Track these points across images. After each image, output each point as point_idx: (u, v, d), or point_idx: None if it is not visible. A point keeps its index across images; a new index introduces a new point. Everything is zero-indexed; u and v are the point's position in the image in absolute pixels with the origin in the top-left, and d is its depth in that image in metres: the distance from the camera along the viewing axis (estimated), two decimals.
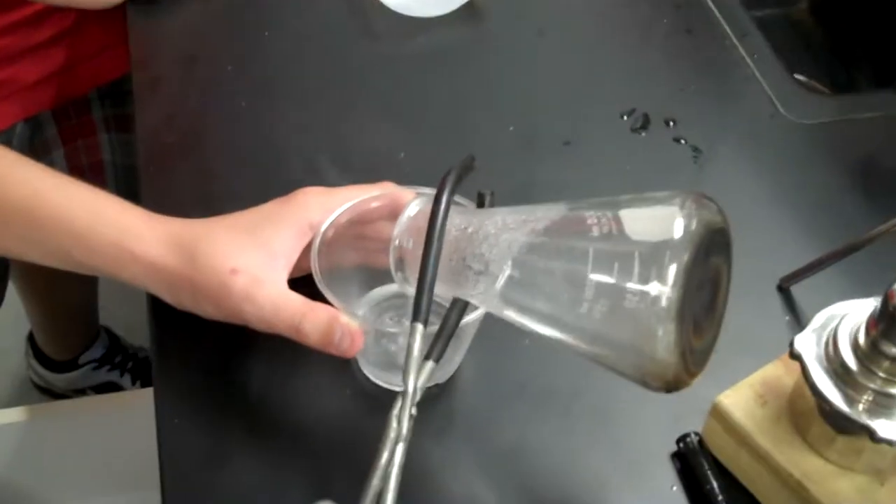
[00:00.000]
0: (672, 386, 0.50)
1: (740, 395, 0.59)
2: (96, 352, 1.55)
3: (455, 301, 0.55)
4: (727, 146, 0.80)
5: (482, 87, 0.84)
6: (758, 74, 0.85)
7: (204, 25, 0.89)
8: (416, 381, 0.50)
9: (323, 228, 0.60)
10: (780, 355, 0.60)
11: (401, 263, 0.57)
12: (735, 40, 0.88)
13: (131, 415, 0.94)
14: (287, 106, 0.81)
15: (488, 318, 0.58)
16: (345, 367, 0.63)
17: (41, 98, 1.01)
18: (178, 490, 0.59)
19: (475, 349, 0.63)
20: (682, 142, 0.80)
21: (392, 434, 0.48)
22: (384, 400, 0.62)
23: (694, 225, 0.48)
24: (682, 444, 0.61)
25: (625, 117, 0.81)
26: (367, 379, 0.64)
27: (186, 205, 0.71)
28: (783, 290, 0.69)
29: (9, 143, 1.00)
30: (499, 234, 0.53)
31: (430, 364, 0.53)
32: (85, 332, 1.55)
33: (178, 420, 0.61)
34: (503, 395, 0.64)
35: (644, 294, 0.47)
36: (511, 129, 0.80)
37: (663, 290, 0.47)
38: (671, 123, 0.81)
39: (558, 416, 0.63)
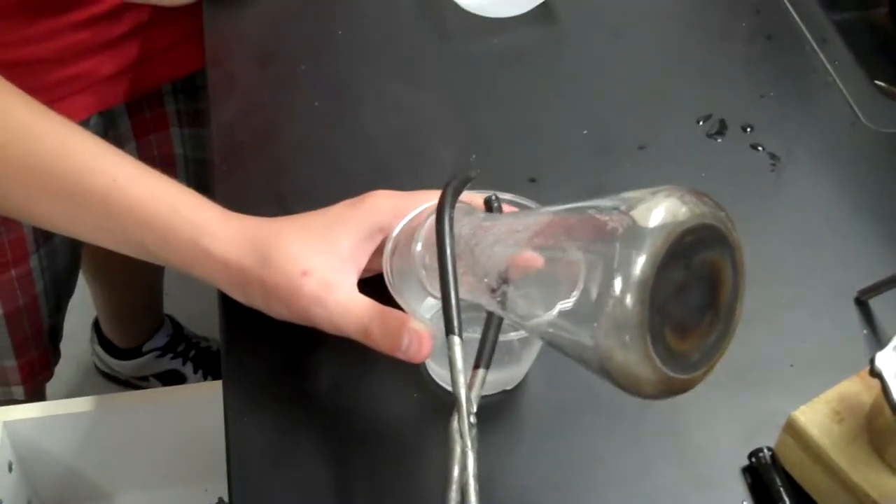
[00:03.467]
0: (656, 394, 0.48)
1: (816, 412, 0.57)
2: (160, 340, 1.58)
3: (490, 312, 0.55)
4: (805, 154, 0.78)
5: (556, 89, 0.83)
6: (838, 81, 0.84)
7: (278, 24, 0.89)
8: (468, 391, 0.51)
9: (395, 233, 0.60)
10: (857, 371, 0.59)
11: (429, 279, 0.58)
12: (815, 46, 0.87)
13: (196, 407, 0.95)
14: (359, 106, 0.81)
15: None
16: (413, 370, 0.63)
17: (116, 91, 1.03)
18: (244, 485, 0.59)
19: (544, 356, 0.62)
20: (760, 149, 0.78)
21: (458, 448, 0.49)
22: (451, 404, 0.62)
23: (657, 225, 0.45)
24: (754, 459, 0.60)
25: (701, 122, 0.80)
26: (436, 383, 0.63)
27: (259, 202, 0.72)
28: (861, 303, 0.68)
29: None
30: (493, 246, 0.53)
31: (481, 372, 0.53)
32: (150, 320, 1.57)
33: (246, 417, 0.62)
34: (572, 403, 0.63)
35: (600, 301, 0.46)
36: (585, 132, 0.79)
37: (620, 297, 0.45)
38: (748, 130, 0.80)
39: (628, 427, 0.62)
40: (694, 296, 0.47)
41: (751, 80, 0.84)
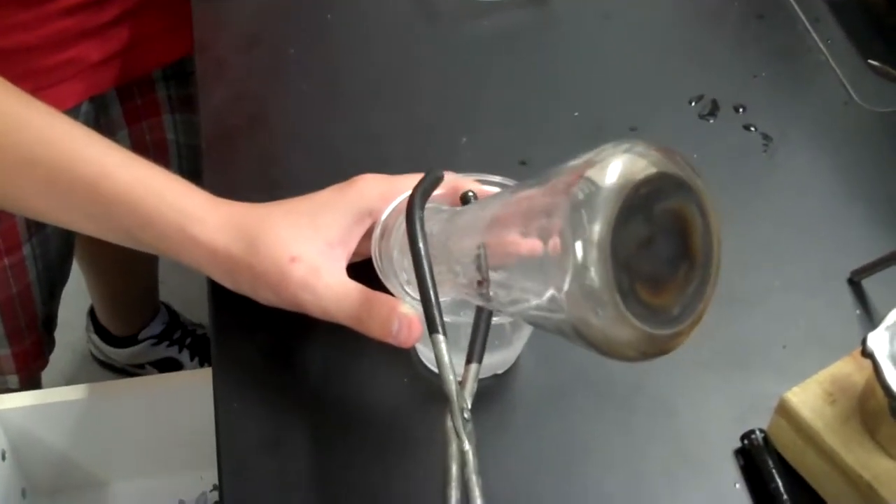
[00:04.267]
0: (642, 353, 0.46)
1: (808, 393, 0.57)
2: (156, 328, 1.58)
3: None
4: (798, 134, 0.78)
5: (547, 72, 0.83)
6: (831, 61, 0.83)
7: (267, 8, 0.88)
8: (461, 387, 0.51)
9: (383, 217, 0.60)
10: (850, 351, 0.58)
11: (410, 282, 0.57)
12: (808, 25, 0.86)
13: (190, 394, 0.95)
14: (349, 90, 0.81)
15: None
16: (403, 354, 0.63)
17: (105, 77, 1.02)
18: (234, 472, 0.59)
19: (535, 339, 0.62)
20: (752, 129, 0.78)
21: (454, 446, 0.48)
22: (444, 400, 0.62)
23: (607, 186, 0.44)
24: (746, 441, 0.60)
25: (693, 103, 0.80)
26: (425, 367, 0.63)
27: (248, 187, 0.72)
28: (854, 283, 0.68)
29: None
30: (462, 239, 0.53)
31: (474, 367, 0.53)
32: (145, 308, 1.57)
33: (236, 403, 0.62)
34: (563, 386, 0.63)
35: (562, 270, 0.45)
36: (576, 114, 0.79)
37: (579, 263, 0.44)
38: (741, 110, 0.79)
39: (619, 409, 0.62)
40: (662, 247, 0.46)
41: (743, 61, 0.84)
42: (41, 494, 1.01)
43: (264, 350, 0.64)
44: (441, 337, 0.51)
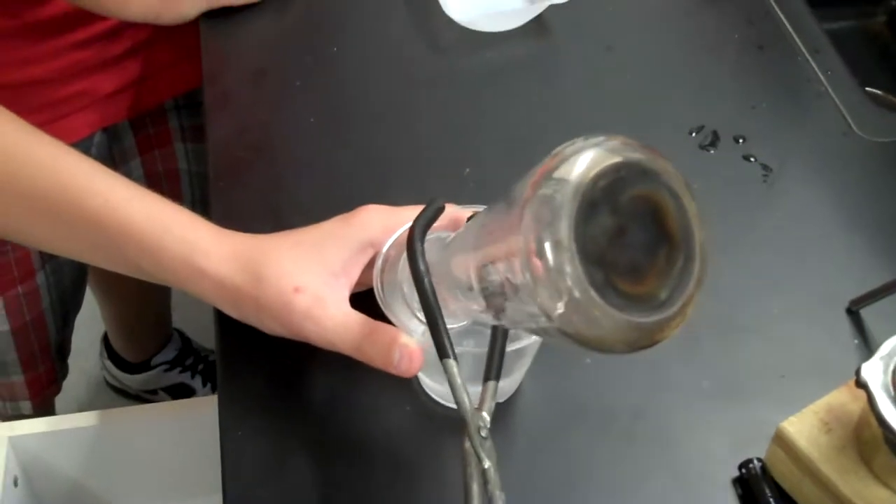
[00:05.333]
0: (633, 344, 0.45)
1: (804, 422, 0.58)
2: (168, 354, 1.58)
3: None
4: (798, 165, 0.78)
5: (549, 103, 0.84)
6: (830, 91, 0.84)
7: (274, 40, 0.90)
8: (473, 406, 0.51)
9: (385, 249, 0.61)
10: (847, 381, 0.59)
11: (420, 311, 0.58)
12: (807, 55, 0.87)
13: (200, 420, 0.95)
14: (354, 121, 0.82)
15: None
16: (406, 383, 0.63)
17: (118, 108, 1.04)
18: (239, 499, 0.59)
19: (535, 368, 0.63)
20: (752, 160, 0.79)
21: (473, 467, 0.49)
22: (444, 417, 0.63)
23: (562, 188, 0.43)
24: (744, 470, 0.60)
25: (693, 134, 0.80)
26: (429, 396, 0.64)
27: (255, 218, 0.73)
28: (853, 312, 0.68)
29: (87, 152, 1.01)
30: (457, 265, 0.53)
31: (492, 384, 0.53)
32: (158, 334, 1.58)
33: (241, 431, 0.62)
34: (563, 415, 0.63)
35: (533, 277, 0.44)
36: None
37: (546, 268, 0.43)
38: (741, 141, 0.80)
39: (619, 439, 0.62)
40: (636, 235, 0.45)
41: (743, 91, 0.85)
42: None
43: (270, 379, 0.65)
44: (452, 361, 0.52)
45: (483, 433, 0.50)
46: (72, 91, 0.98)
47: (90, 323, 1.53)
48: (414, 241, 0.55)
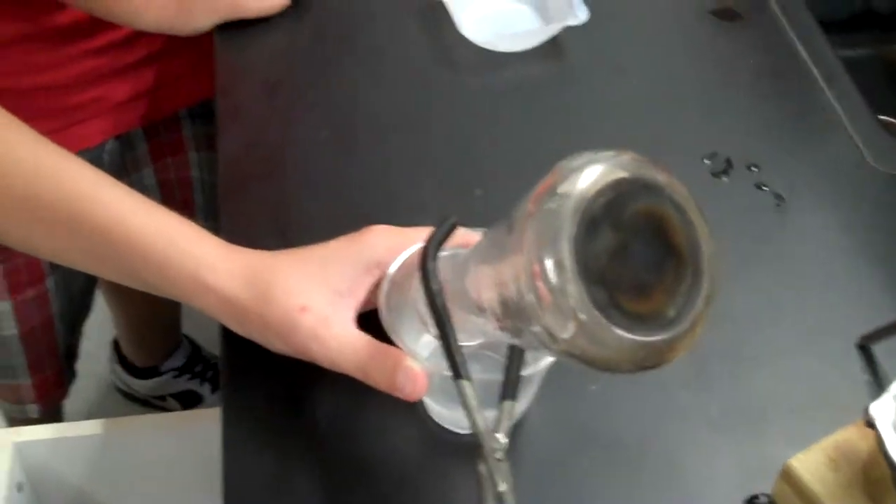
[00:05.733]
0: (640, 363, 0.44)
1: (812, 459, 0.57)
2: (178, 360, 1.59)
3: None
4: (811, 194, 0.78)
5: (562, 124, 0.83)
6: (845, 120, 0.83)
7: (287, 54, 0.89)
8: (494, 426, 0.51)
9: (391, 271, 0.61)
10: (856, 417, 0.58)
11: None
12: (822, 84, 0.86)
13: (206, 431, 0.95)
14: (365, 138, 0.81)
15: (556, 364, 0.57)
16: (412, 406, 0.63)
17: (131, 116, 1.04)
18: None
19: (542, 394, 0.62)
20: (765, 188, 0.78)
21: (488, 491, 0.49)
22: (448, 442, 0.63)
23: (560, 208, 0.42)
24: None
25: (706, 161, 0.80)
26: (433, 420, 0.63)
27: (263, 233, 0.73)
28: (864, 348, 0.67)
29: (100, 159, 1.03)
30: (463, 278, 0.52)
31: (507, 404, 0.53)
32: (168, 340, 1.58)
33: (241, 447, 0.62)
34: (570, 442, 0.63)
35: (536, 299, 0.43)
36: None
37: (546, 290, 0.42)
38: (754, 169, 0.79)
39: (626, 468, 0.62)
40: (641, 252, 0.44)
41: (757, 119, 0.84)
42: None
43: (274, 397, 0.64)
44: (466, 382, 0.51)
45: (498, 455, 0.50)
46: (86, 98, 0.98)
47: (102, 326, 1.53)
48: (427, 259, 0.55)
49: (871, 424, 0.53)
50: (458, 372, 0.52)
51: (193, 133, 1.13)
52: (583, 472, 0.61)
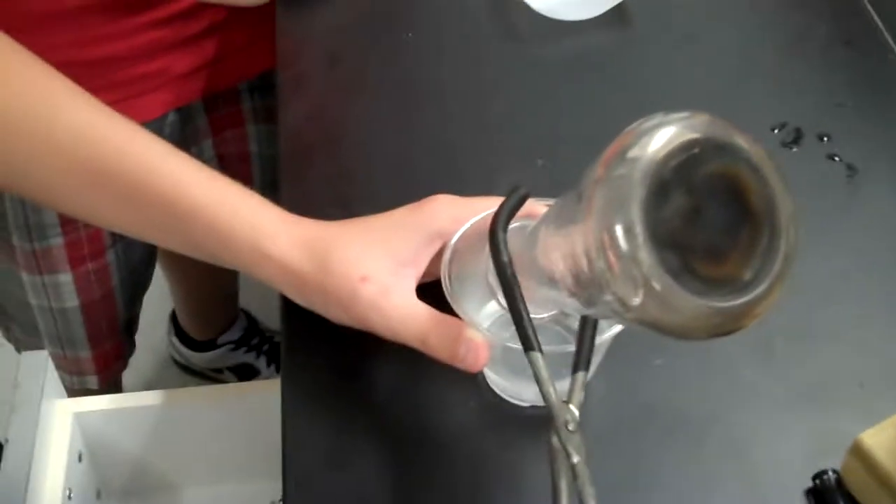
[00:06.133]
0: (716, 329, 0.43)
1: (884, 435, 0.56)
2: (234, 333, 1.60)
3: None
4: (884, 165, 0.76)
5: (627, 94, 0.82)
6: None
7: (348, 25, 0.89)
8: (567, 398, 0.50)
9: (453, 241, 0.60)
10: None
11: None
12: None
13: (264, 403, 0.95)
14: (427, 109, 0.81)
15: (620, 336, 0.56)
16: (472, 378, 0.62)
17: (192, 89, 1.04)
18: (299, 487, 0.59)
19: (604, 368, 0.61)
20: (836, 159, 0.76)
21: (560, 462, 0.48)
22: (509, 414, 0.62)
23: (630, 172, 0.41)
24: (818, 481, 0.58)
25: (776, 130, 0.78)
26: (494, 392, 0.63)
27: (324, 204, 0.73)
28: None
29: (161, 132, 1.03)
30: (533, 249, 0.51)
31: (581, 375, 0.52)
32: (225, 314, 1.59)
33: (304, 419, 0.62)
34: (632, 418, 0.62)
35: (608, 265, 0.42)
36: None
37: (617, 255, 0.41)
38: (825, 139, 0.77)
39: (689, 444, 0.61)
40: (714, 214, 0.42)
41: (828, 88, 0.82)
42: (115, 496, 1.03)
43: (334, 367, 0.64)
44: (537, 354, 0.51)
45: (571, 427, 0.49)
46: (148, 70, 0.99)
47: (160, 300, 1.55)
48: (497, 231, 0.54)
49: None
50: (528, 343, 0.51)
51: (252, 106, 1.13)
52: (643, 446, 0.61)
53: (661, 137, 0.42)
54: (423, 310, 0.59)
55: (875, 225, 0.72)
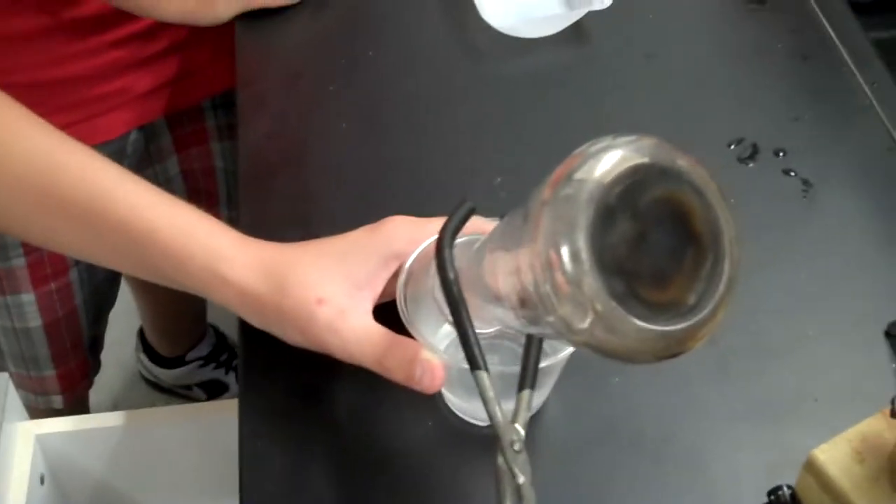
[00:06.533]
0: (661, 352, 0.43)
1: (837, 450, 0.56)
2: (203, 350, 1.59)
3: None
4: (839, 180, 0.76)
5: (585, 111, 0.82)
6: (875, 104, 0.81)
7: (309, 44, 0.89)
8: (512, 417, 0.50)
9: (408, 263, 0.60)
10: (883, 407, 0.57)
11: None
12: (853, 67, 0.84)
13: (227, 423, 0.95)
14: (387, 128, 0.81)
15: (576, 355, 0.56)
16: (430, 399, 0.62)
17: (154, 107, 1.04)
18: None
19: (561, 384, 0.61)
20: (792, 174, 0.76)
21: (506, 483, 0.48)
22: (467, 434, 0.62)
23: (574, 197, 0.41)
24: (773, 497, 0.58)
25: (732, 146, 0.78)
26: (451, 412, 0.63)
27: (283, 224, 0.73)
28: (891, 336, 0.66)
29: (123, 150, 1.03)
30: (480, 265, 0.51)
31: (526, 394, 0.52)
32: (193, 330, 1.58)
33: (259, 440, 0.62)
34: (590, 434, 0.62)
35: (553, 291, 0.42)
36: None
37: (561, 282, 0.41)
38: (781, 154, 0.78)
39: (647, 461, 0.61)
40: (659, 239, 0.42)
41: (785, 102, 0.83)
42: None
43: (292, 388, 0.64)
44: (483, 373, 0.50)
45: (517, 447, 0.49)
46: (108, 89, 0.98)
47: (128, 317, 1.54)
48: (443, 246, 0.54)
49: None
50: (474, 362, 0.51)
51: (216, 123, 1.13)
52: (602, 464, 0.61)
53: (608, 161, 0.42)
54: (380, 332, 0.59)
55: (830, 239, 0.73)
